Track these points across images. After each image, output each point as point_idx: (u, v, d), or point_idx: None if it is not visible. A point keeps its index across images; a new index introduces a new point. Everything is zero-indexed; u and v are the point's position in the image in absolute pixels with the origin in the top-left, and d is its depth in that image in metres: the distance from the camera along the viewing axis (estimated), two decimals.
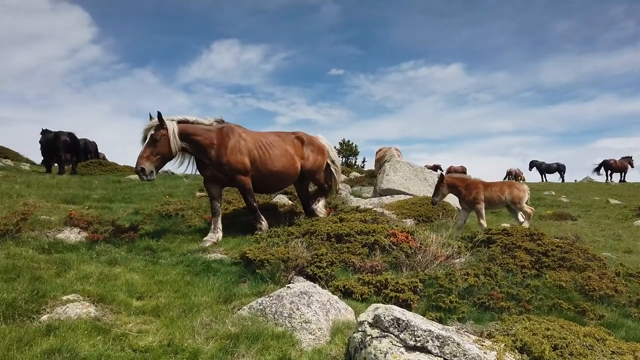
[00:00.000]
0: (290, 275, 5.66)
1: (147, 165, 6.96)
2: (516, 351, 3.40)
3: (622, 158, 33.34)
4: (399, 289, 5.28)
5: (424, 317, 3.92)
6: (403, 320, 3.40)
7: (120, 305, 4.44)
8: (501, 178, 38.78)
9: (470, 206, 9.78)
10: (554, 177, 37.67)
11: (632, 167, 33.16)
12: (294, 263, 5.73)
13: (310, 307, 4.26)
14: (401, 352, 3.24)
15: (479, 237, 7.25)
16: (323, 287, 5.24)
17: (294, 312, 4.19)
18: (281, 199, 12.06)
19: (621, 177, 33.25)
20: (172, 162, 7.51)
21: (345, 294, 5.35)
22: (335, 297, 4.71)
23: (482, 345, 3.36)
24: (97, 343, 3.54)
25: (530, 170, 38.09)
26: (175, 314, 4.30)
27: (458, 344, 3.23)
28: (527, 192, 10.01)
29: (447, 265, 6.14)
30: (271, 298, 4.40)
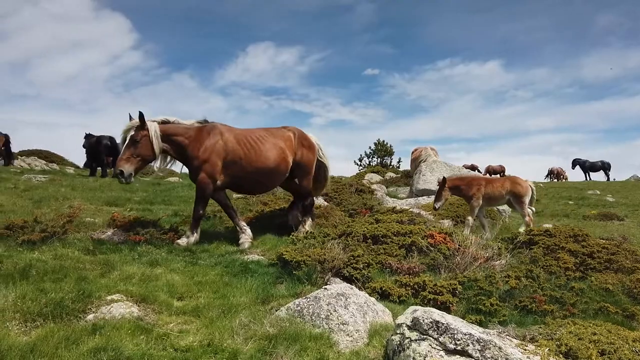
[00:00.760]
0: (327, 277, 5.66)
1: (126, 168, 6.86)
2: (561, 356, 3.30)
3: None
4: (438, 292, 5.20)
5: (463, 320, 3.86)
6: (442, 323, 3.35)
7: (162, 306, 4.54)
8: (542, 177, 37.85)
9: (468, 201, 9.61)
10: (598, 176, 36.51)
11: None
12: (331, 264, 5.73)
13: (348, 309, 4.25)
14: (441, 355, 3.20)
15: (520, 238, 7.08)
16: (360, 288, 5.22)
17: (331, 313, 4.19)
18: (316, 200, 12.10)
19: None
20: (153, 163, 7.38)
21: (382, 295, 5.31)
22: (373, 299, 4.68)
23: (525, 350, 3.28)
24: (140, 342, 3.63)
25: (573, 168, 37.01)
26: (214, 315, 4.36)
27: (500, 347, 3.16)
28: (530, 189, 9.69)
29: (487, 267, 6.01)
30: (308, 299, 4.41)
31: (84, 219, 7.92)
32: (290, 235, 7.48)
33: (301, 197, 8.60)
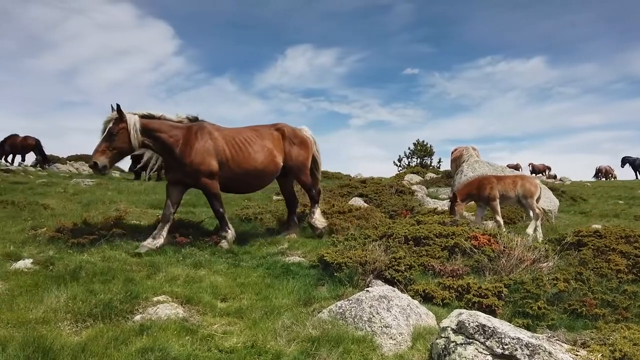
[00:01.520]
0: (369, 279, 5.62)
1: (100, 160, 6.71)
2: None
3: None
4: (482, 294, 5.09)
5: (510, 323, 3.75)
6: (489, 327, 3.27)
7: (206, 307, 4.61)
8: (590, 176, 36.55)
9: (485, 203, 9.44)
10: None
11: None
12: (372, 266, 5.69)
13: (390, 312, 4.20)
14: None
15: (567, 239, 6.84)
16: (402, 291, 5.15)
17: (373, 316, 4.15)
18: (356, 201, 12.06)
19: None
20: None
21: (425, 298, 5.23)
22: (416, 302, 4.62)
23: (577, 355, 3.16)
24: (186, 343, 3.70)
25: (623, 167, 35.55)
26: (257, 316, 4.39)
27: (550, 353, 3.06)
28: (539, 187, 9.54)
29: (534, 269, 5.83)
30: (350, 302, 4.39)
31: (130, 221, 8.15)
32: (332, 236, 7.48)
33: (301, 195, 8.75)
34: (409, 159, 34.86)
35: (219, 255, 6.83)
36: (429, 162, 34.20)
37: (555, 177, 36.36)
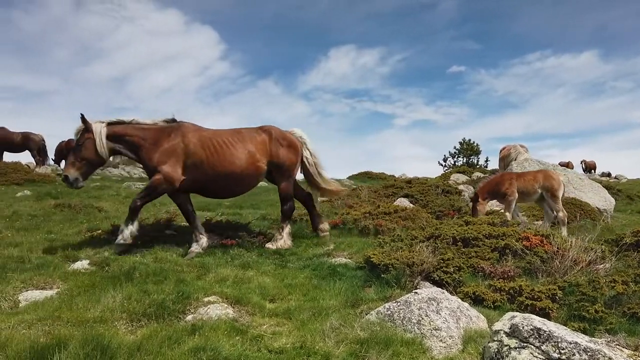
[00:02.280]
0: (416, 281, 5.55)
1: (70, 173, 6.64)
2: None
3: None
4: (535, 297, 4.93)
5: (566, 327, 3.62)
6: (544, 331, 3.17)
7: (255, 307, 4.68)
8: None
9: (502, 198, 9.17)
10: None
11: None
12: (420, 268, 5.61)
13: (440, 314, 4.14)
14: None
15: (626, 240, 6.55)
16: (451, 293, 5.07)
17: (422, 318, 4.10)
18: (402, 202, 11.94)
19: None
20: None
21: (476, 301, 5.12)
22: (466, 304, 4.53)
23: None
24: (236, 343, 3.76)
25: None
26: (305, 317, 4.42)
27: (610, 358, 2.93)
28: (562, 183, 9.26)
29: (590, 271, 5.61)
30: (398, 303, 4.35)
31: (180, 223, 8.37)
32: (378, 237, 7.44)
33: (282, 200, 7.88)
34: (455, 159, 34.27)
35: (266, 256, 6.91)
36: (475, 161, 33.51)
37: (609, 175, 34.89)
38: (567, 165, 32.07)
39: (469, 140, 34.37)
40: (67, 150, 24.37)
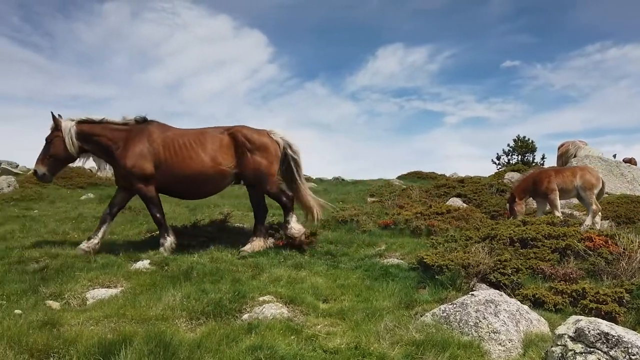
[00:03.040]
0: (472, 282, 5.43)
1: (39, 168, 6.92)
2: None
3: None
4: (600, 300, 4.71)
5: (635, 332, 3.44)
6: (613, 335, 3.03)
7: (309, 307, 4.71)
8: None
9: (544, 197, 8.78)
10: None
11: None
12: (475, 269, 5.48)
13: (498, 317, 4.02)
14: None
15: None
16: (509, 295, 4.92)
17: (480, 321, 4.00)
18: (454, 202, 11.72)
19: None
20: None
21: (535, 303, 4.95)
22: (525, 307, 4.39)
23: None
24: (292, 342, 3.80)
25: None
26: (359, 318, 4.41)
27: None
28: (600, 180, 8.88)
29: None
30: (454, 306, 4.26)
31: (234, 224, 8.54)
32: (430, 238, 7.33)
33: (279, 202, 7.70)
34: (509, 157, 33.16)
35: (317, 257, 6.95)
36: (531, 159, 32.30)
37: None
38: (630, 161, 30.44)
39: (524, 137, 33.17)
40: None
